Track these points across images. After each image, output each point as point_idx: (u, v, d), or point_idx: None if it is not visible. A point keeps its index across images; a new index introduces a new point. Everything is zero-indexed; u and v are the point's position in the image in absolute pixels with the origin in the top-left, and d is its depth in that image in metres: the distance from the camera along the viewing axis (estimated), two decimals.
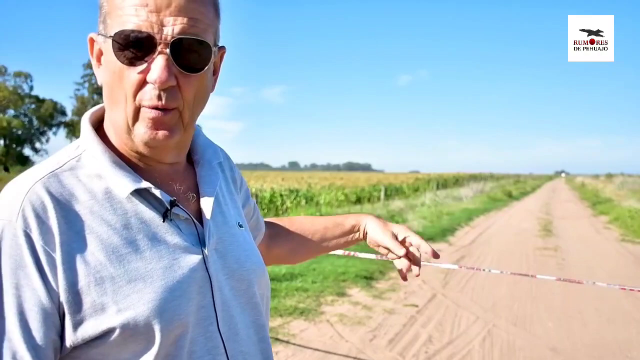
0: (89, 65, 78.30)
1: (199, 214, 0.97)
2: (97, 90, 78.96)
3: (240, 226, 1.07)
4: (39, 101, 76.33)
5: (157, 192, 0.90)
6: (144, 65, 0.84)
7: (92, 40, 0.92)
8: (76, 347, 0.82)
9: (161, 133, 0.87)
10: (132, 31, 0.82)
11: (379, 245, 1.29)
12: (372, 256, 4.69)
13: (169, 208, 0.90)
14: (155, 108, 0.85)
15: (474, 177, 49.31)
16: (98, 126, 0.96)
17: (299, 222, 1.40)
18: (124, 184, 0.88)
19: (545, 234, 13.72)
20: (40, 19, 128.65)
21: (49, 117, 77.71)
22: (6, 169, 62.02)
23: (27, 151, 76.42)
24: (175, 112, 0.88)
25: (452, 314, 5.96)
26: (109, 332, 0.81)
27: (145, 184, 0.89)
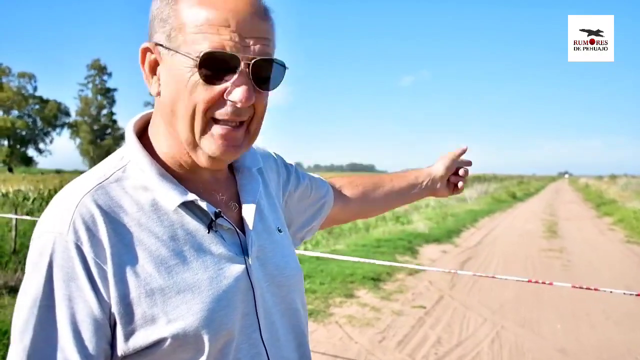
0: (92, 66, 78.48)
1: (241, 222, 1.00)
2: (101, 91, 79.12)
3: (280, 231, 1.09)
4: (43, 102, 76.45)
5: (203, 204, 0.91)
6: (224, 84, 0.86)
7: (146, 50, 0.91)
8: (126, 357, 0.85)
9: (232, 148, 0.90)
10: (217, 51, 0.83)
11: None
12: (377, 261, 4.75)
13: (214, 219, 0.92)
14: (228, 122, 0.88)
15: (478, 178, 49.23)
16: (141, 134, 0.98)
17: (367, 179, 1.49)
18: (171, 196, 0.89)
19: (550, 235, 13.73)
20: (44, 19, 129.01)
21: (53, 117, 77.83)
22: (10, 170, 62.16)
23: (30, 152, 76.62)
24: (244, 126, 0.91)
25: (460, 315, 5.99)
26: (159, 342, 0.84)
27: (191, 197, 0.90)
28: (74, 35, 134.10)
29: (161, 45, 0.88)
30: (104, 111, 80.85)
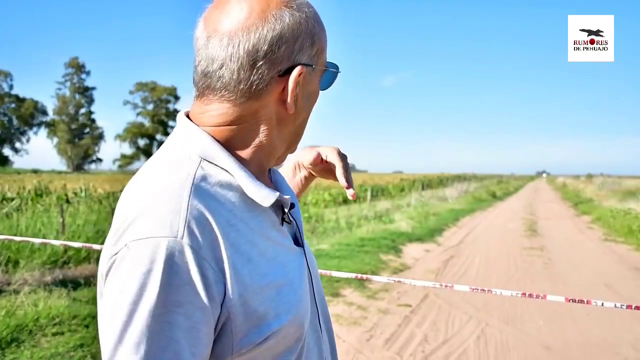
0: (70, 64, 77.51)
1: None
2: (79, 90, 78.21)
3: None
4: (19, 100, 75.42)
5: (287, 198, 0.95)
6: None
7: (300, 74, 0.92)
8: (236, 356, 0.85)
9: None
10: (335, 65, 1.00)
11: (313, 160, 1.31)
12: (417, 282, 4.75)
13: (287, 212, 0.97)
14: None
15: (458, 178, 49.69)
16: None
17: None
18: (266, 194, 0.90)
19: (531, 234, 13.92)
20: (20, 16, 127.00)
21: (30, 116, 76.81)
22: None
23: (6, 151, 75.46)
24: None
25: (446, 313, 6.06)
26: (267, 338, 0.85)
27: (277, 193, 0.92)
28: (51, 33, 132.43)
29: (306, 64, 0.92)
30: (82, 110, 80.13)
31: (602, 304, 2.52)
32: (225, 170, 0.89)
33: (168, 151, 0.93)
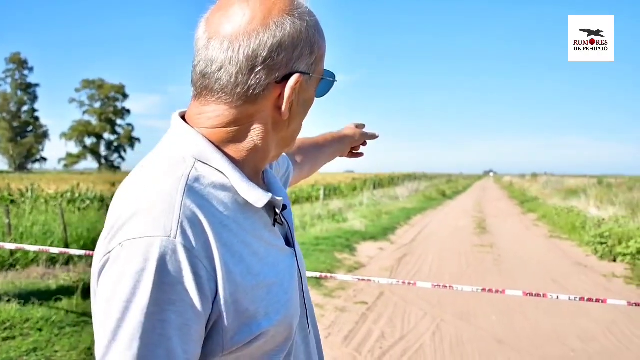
0: (11, 60, 74.76)
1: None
2: (21, 87, 75.54)
3: None
4: None
5: (279, 200, 0.97)
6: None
7: (299, 79, 0.93)
8: (226, 354, 0.87)
9: None
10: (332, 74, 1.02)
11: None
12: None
13: (279, 213, 0.99)
14: None
15: (408, 177, 50.45)
16: None
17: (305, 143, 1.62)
18: (258, 195, 0.92)
19: (481, 231, 14.29)
20: None
21: None
22: None
23: None
24: None
25: (401, 310, 6.18)
26: (257, 337, 0.87)
27: (270, 195, 0.94)
28: None
29: (307, 74, 0.94)
30: (25, 107, 77.31)
31: (557, 297, 2.65)
32: (220, 172, 0.91)
33: (162, 152, 0.94)
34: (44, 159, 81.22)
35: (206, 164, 0.91)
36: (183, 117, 0.97)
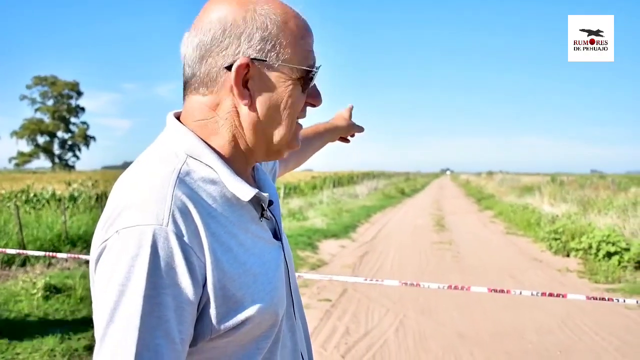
0: None
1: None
2: None
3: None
4: None
5: (265, 195, 1.02)
6: (305, 93, 1.02)
7: (247, 66, 0.96)
8: (213, 338, 0.92)
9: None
10: (318, 67, 1.02)
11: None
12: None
13: (265, 208, 1.04)
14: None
15: (367, 175, 50.79)
16: None
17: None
18: (245, 190, 0.97)
19: (439, 228, 14.54)
20: None
21: None
22: None
23: None
24: None
25: (365, 306, 6.26)
26: (244, 322, 0.92)
27: (256, 190, 1.00)
28: None
29: (259, 59, 0.97)
30: None
31: (520, 293, 2.75)
32: (209, 167, 0.97)
33: (157, 148, 1.00)
34: None
35: (197, 159, 0.97)
36: (178, 117, 1.04)
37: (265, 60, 0.97)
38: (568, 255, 10.06)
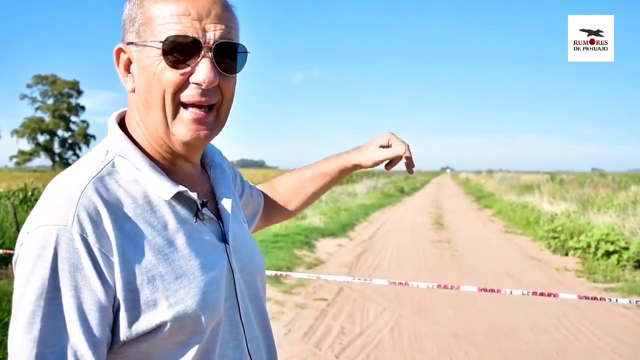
0: None
1: (217, 213, 1.07)
2: None
3: (244, 222, 1.19)
4: None
5: (193, 195, 0.98)
6: (187, 68, 0.92)
7: (119, 51, 0.98)
8: (127, 342, 0.89)
9: (202, 132, 0.96)
10: (179, 36, 0.90)
11: (381, 162, 1.38)
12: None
13: (200, 209, 0.99)
14: (197, 105, 0.94)
15: (367, 174, 50.71)
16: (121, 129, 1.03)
17: (283, 183, 1.51)
18: (165, 188, 0.95)
19: (438, 227, 14.50)
20: None
21: None
22: None
23: None
24: (214, 110, 0.97)
25: (360, 306, 6.22)
26: (160, 326, 0.89)
27: (182, 188, 0.96)
28: None
29: (132, 43, 0.95)
30: None
31: (511, 292, 2.71)
32: (134, 165, 0.95)
33: (95, 149, 1.00)
34: None
35: (124, 157, 0.96)
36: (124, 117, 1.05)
37: (133, 43, 0.95)
38: (567, 254, 10.01)
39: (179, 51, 0.91)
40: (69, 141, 79.93)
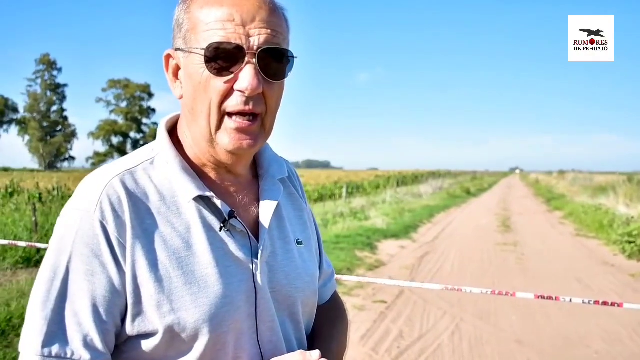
0: (41, 61, 76.02)
1: (257, 226, 1.01)
2: (51, 87, 76.74)
3: (299, 243, 1.09)
4: None
5: (218, 202, 0.94)
6: (231, 75, 0.89)
7: (168, 57, 0.97)
8: (128, 340, 0.89)
9: (246, 142, 0.92)
10: (222, 43, 0.88)
11: None
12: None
13: (227, 219, 0.95)
14: (242, 114, 0.91)
15: (432, 174, 50.06)
16: (171, 132, 1.02)
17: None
18: (189, 189, 0.93)
19: (504, 229, 14.08)
20: None
21: (0, 114, 75.35)
22: None
23: None
24: (259, 119, 0.93)
25: (421, 309, 6.10)
26: (159, 331, 0.87)
27: (208, 193, 0.93)
28: (20, 29, 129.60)
29: (180, 49, 0.94)
30: (54, 107, 78.62)
31: (571, 300, 2.57)
32: (169, 164, 0.96)
33: (144, 146, 1.02)
34: (73, 158, 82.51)
35: (163, 157, 0.97)
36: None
37: (181, 49, 0.94)
38: None
39: (223, 58, 0.89)
40: (141, 142, 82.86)
